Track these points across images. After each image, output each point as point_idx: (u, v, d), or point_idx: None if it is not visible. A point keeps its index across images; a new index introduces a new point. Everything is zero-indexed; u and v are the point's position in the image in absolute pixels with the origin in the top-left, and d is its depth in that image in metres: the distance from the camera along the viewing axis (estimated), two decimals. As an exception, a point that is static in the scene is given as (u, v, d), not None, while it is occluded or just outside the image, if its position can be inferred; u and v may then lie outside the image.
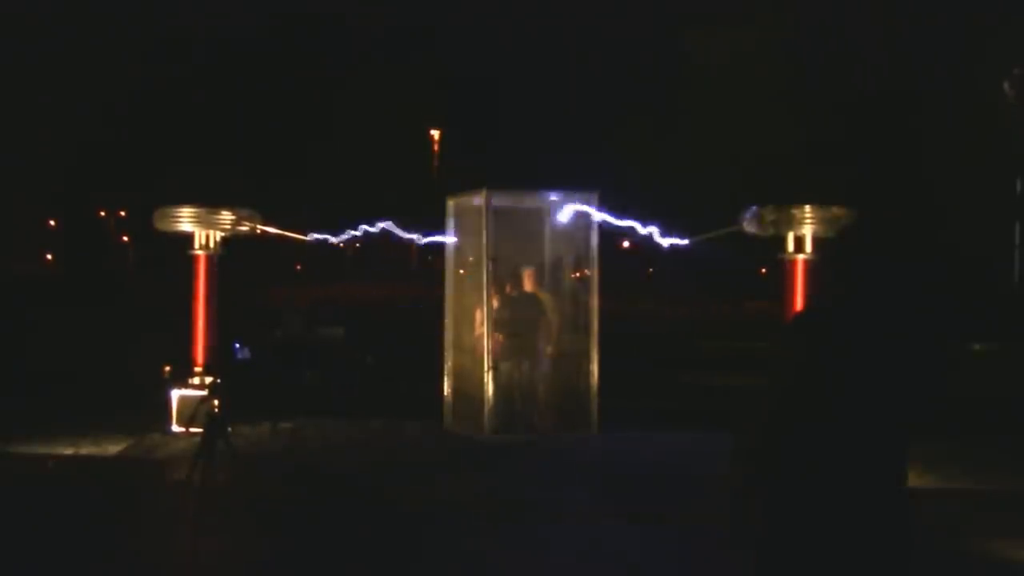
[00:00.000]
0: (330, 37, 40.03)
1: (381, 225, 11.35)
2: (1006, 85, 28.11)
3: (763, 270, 33.04)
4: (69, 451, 9.76)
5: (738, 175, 27.04)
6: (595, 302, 10.72)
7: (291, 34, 39.18)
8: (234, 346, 10.40)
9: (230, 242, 11.17)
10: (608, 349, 10.77)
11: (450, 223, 11.25)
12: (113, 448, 9.91)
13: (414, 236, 11.58)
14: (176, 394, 10.56)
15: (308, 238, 11.54)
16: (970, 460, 9.71)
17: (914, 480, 3.28)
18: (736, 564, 3.39)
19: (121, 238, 48.05)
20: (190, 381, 10.69)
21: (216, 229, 10.95)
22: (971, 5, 30.44)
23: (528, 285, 10.90)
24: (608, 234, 11.01)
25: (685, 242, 10.82)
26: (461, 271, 11.27)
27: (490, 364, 10.36)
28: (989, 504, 8.28)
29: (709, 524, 7.40)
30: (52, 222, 47.46)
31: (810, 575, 3.20)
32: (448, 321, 11.19)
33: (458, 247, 11.22)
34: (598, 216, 10.66)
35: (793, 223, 10.29)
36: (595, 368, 10.61)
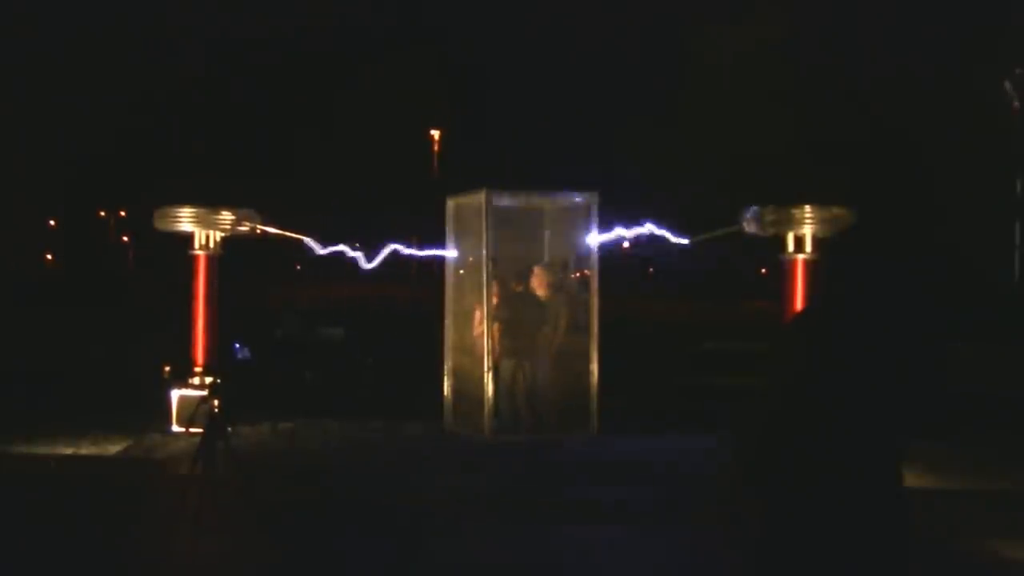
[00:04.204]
0: (330, 37, 40.04)
1: (391, 247, 11.35)
2: (1007, 85, 28.12)
3: (763, 270, 33.08)
4: (69, 451, 9.75)
5: (738, 175, 27.06)
6: (595, 302, 10.72)
7: (291, 34, 39.18)
8: (234, 346, 10.41)
9: (230, 242, 11.17)
10: (608, 349, 10.78)
11: (450, 223, 11.26)
12: (113, 448, 9.91)
13: (415, 251, 11.59)
14: (176, 394, 10.56)
15: (323, 251, 11.41)
16: (970, 460, 9.72)
17: (914, 480, 3.29)
18: (735, 563, 3.40)
19: (121, 238, 48.10)
20: (190, 381, 10.69)
21: (216, 229, 10.94)
22: (972, 5, 30.46)
23: (534, 284, 10.90)
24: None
25: (685, 242, 10.83)
26: (461, 271, 11.27)
27: (490, 364, 10.37)
28: (989, 504, 8.27)
29: (709, 524, 7.42)
30: (52, 222, 47.51)
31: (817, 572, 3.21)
32: (448, 321, 11.19)
33: (458, 247, 11.22)
34: (628, 234, 10.66)
35: (793, 223, 10.29)
36: (595, 368, 10.61)
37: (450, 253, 11.23)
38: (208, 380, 9.35)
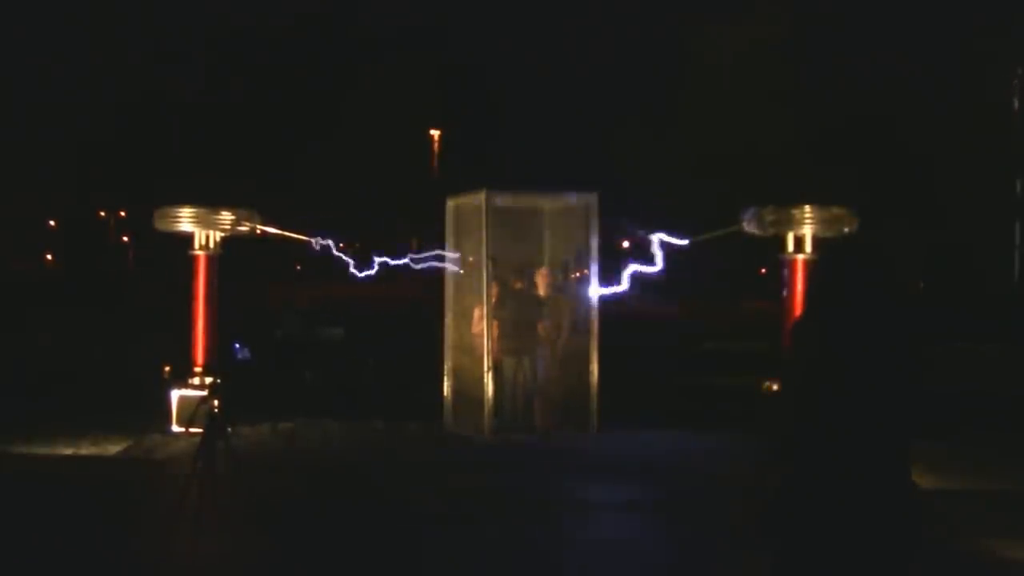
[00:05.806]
0: (330, 38, 40.02)
1: (382, 260, 11.29)
2: (1015, 83, 28.16)
3: (763, 270, 33.07)
4: (69, 451, 9.75)
5: (738, 175, 27.06)
6: (595, 302, 10.72)
7: (291, 35, 39.17)
8: (234, 346, 10.40)
9: (230, 242, 11.16)
10: (608, 349, 10.78)
11: (450, 223, 11.26)
12: (113, 448, 9.91)
13: (407, 258, 11.49)
14: (176, 394, 10.56)
15: (315, 243, 11.36)
16: (970, 460, 9.72)
17: (914, 480, 3.31)
18: (735, 562, 3.41)
19: (121, 238, 48.08)
20: (190, 381, 10.69)
21: (216, 229, 10.94)
22: (974, 6, 30.48)
23: (538, 284, 10.91)
24: (608, 234, 11.00)
25: (685, 242, 10.82)
26: (461, 271, 11.28)
27: (490, 364, 10.37)
28: (989, 504, 8.27)
29: (708, 522, 7.43)
30: (52, 222, 47.48)
31: (821, 570, 3.24)
32: (448, 321, 11.20)
33: (458, 247, 11.22)
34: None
35: (793, 223, 10.29)
36: (595, 368, 10.61)
37: (450, 253, 11.24)
38: (208, 380, 9.35)
